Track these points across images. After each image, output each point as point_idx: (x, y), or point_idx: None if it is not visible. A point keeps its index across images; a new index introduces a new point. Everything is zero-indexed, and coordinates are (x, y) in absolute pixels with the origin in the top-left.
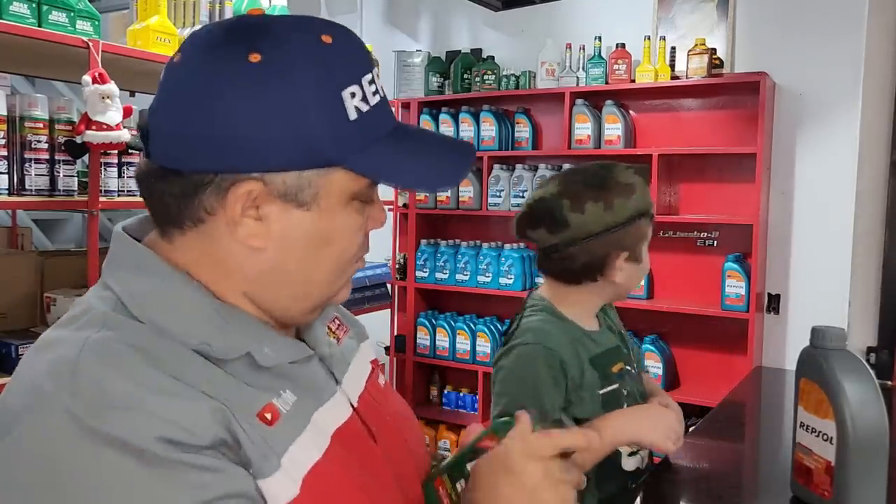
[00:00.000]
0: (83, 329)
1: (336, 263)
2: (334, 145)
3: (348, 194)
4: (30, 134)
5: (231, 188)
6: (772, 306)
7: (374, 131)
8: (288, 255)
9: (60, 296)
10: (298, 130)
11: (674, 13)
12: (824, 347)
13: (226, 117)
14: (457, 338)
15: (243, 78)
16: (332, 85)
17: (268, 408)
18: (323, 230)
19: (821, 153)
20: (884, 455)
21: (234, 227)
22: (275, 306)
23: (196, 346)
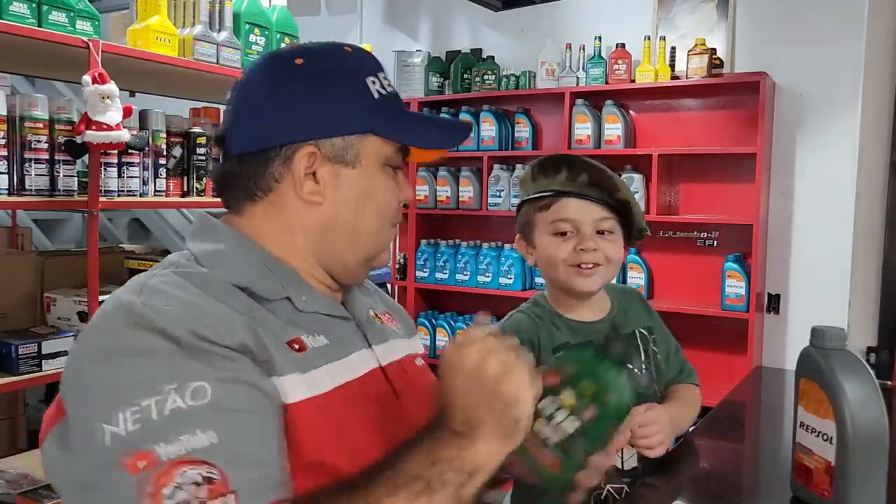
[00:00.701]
0: (157, 269)
1: (378, 216)
2: (366, 116)
3: (382, 158)
4: (30, 134)
5: (294, 154)
6: (772, 306)
7: (393, 110)
8: (341, 207)
9: (60, 296)
10: (339, 106)
11: (674, 13)
12: (824, 347)
13: (285, 103)
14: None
15: (294, 74)
16: (357, 74)
17: (296, 340)
18: (366, 185)
19: (821, 153)
20: (884, 455)
21: (300, 186)
22: (331, 256)
23: (243, 285)
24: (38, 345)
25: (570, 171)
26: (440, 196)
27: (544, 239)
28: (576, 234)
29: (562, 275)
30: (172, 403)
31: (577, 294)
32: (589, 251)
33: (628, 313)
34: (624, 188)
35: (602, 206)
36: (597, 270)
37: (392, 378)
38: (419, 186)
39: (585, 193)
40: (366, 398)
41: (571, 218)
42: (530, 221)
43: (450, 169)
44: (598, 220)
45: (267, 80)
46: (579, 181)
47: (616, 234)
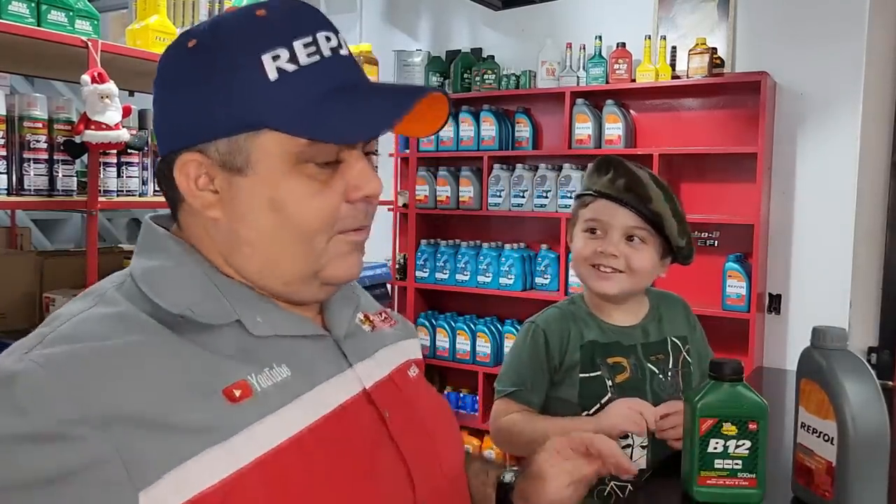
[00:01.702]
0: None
1: (295, 232)
2: (254, 106)
3: (289, 157)
4: (29, 134)
5: (175, 164)
6: (773, 306)
7: (307, 90)
8: (239, 224)
9: (59, 296)
10: (219, 97)
11: (674, 13)
12: (825, 348)
13: (168, 101)
14: (457, 338)
15: (179, 63)
16: (250, 50)
17: (239, 384)
18: (269, 197)
19: (822, 153)
20: (885, 455)
21: (195, 201)
22: (252, 277)
23: (181, 312)
24: None
25: (614, 174)
26: (440, 196)
27: (578, 234)
28: (604, 235)
29: (582, 271)
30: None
31: (596, 293)
32: (608, 255)
33: (663, 320)
34: (659, 201)
35: (636, 214)
36: (615, 276)
37: (378, 402)
38: (419, 186)
39: (620, 198)
40: (345, 433)
41: (603, 220)
42: (574, 216)
43: (450, 169)
44: (629, 227)
45: (160, 71)
46: (616, 185)
47: (648, 245)
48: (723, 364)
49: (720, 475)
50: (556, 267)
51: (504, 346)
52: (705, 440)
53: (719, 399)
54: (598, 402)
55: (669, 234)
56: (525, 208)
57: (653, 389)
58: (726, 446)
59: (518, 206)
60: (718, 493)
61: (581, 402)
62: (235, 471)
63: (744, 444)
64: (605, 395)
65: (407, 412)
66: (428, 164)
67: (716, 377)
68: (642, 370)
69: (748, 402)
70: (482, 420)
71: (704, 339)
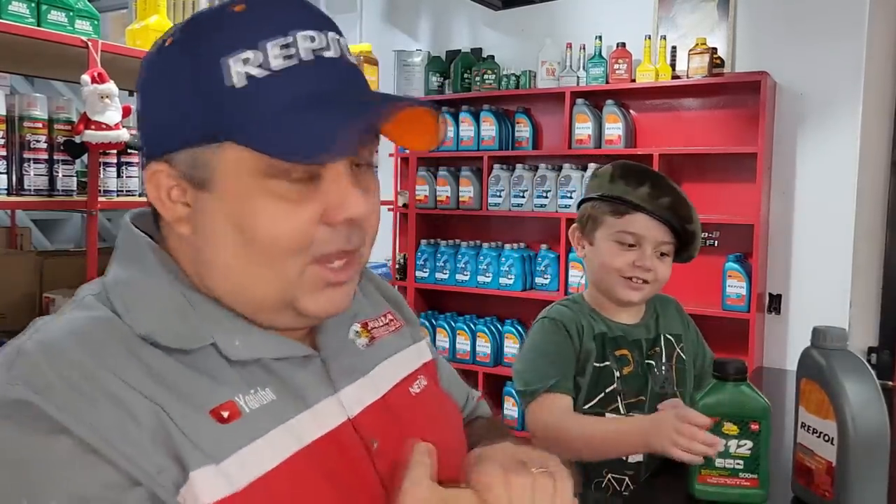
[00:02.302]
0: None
1: (262, 257)
2: (217, 116)
3: (256, 172)
4: (29, 134)
5: (146, 175)
6: (773, 306)
7: (274, 100)
8: (204, 243)
9: (59, 296)
10: (185, 103)
11: (674, 12)
12: (825, 348)
13: (142, 103)
14: (457, 338)
15: (153, 62)
16: (217, 52)
17: (226, 405)
18: (234, 217)
19: (822, 153)
20: (885, 455)
21: (167, 213)
22: (222, 299)
23: (145, 335)
24: None
25: (654, 188)
26: (440, 196)
27: (606, 243)
28: (637, 248)
29: (612, 281)
30: None
31: (619, 301)
32: (644, 269)
33: (659, 319)
34: (696, 220)
35: (670, 231)
36: (644, 287)
37: (364, 432)
38: (419, 186)
39: (662, 216)
40: (327, 464)
41: (639, 234)
42: (597, 219)
43: (450, 169)
44: (663, 242)
45: (140, 72)
46: (660, 202)
47: (670, 257)
48: (726, 364)
49: (721, 474)
50: (556, 267)
51: (504, 346)
52: None
53: (720, 398)
54: (604, 391)
55: (693, 249)
56: (525, 208)
57: (651, 384)
58: (728, 446)
59: (518, 206)
60: (719, 491)
61: (588, 390)
62: (227, 496)
63: (745, 444)
64: (611, 385)
65: (400, 437)
66: (428, 164)
67: (719, 377)
68: (643, 364)
69: (750, 403)
70: None
71: (700, 337)
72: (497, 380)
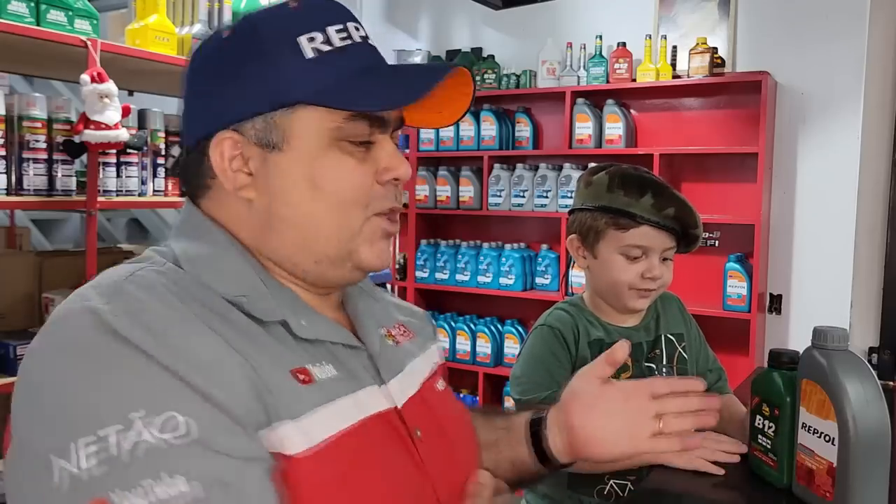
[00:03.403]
0: (133, 266)
1: (329, 205)
2: (289, 83)
3: (326, 133)
4: (28, 133)
5: (209, 144)
6: (773, 306)
7: (339, 68)
8: (277, 201)
9: (59, 296)
10: (256, 78)
11: (675, 12)
12: (826, 348)
13: (203, 88)
14: (457, 338)
15: (215, 51)
16: (287, 33)
17: (303, 370)
18: (306, 170)
19: (823, 152)
20: (886, 456)
21: (228, 182)
22: (283, 261)
23: (232, 299)
24: None
25: (657, 198)
26: (440, 196)
27: (612, 257)
28: (644, 258)
29: (621, 293)
30: (137, 436)
31: (625, 309)
32: (655, 279)
33: (660, 318)
34: (700, 225)
35: (674, 237)
36: (652, 293)
37: (409, 421)
38: (419, 186)
39: (669, 226)
40: (378, 442)
41: (646, 246)
42: (599, 231)
43: (450, 168)
44: (667, 248)
45: (196, 62)
46: (665, 213)
47: (672, 259)
48: (780, 353)
49: (759, 449)
50: (557, 267)
51: (504, 347)
52: (752, 415)
53: (761, 379)
54: None
55: (693, 247)
56: (525, 208)
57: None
58: (763, 424)
59: (518, 206)
60: (758, 464)
61: None
62: (306, 450)
63: (771, 426)
64: None
65: (436, 429)
66: (428, 163)
67: (773, 365)
68: (642, 369)
69: (774, 388)
70: None
71: (701, 336)
72: (497, 380)
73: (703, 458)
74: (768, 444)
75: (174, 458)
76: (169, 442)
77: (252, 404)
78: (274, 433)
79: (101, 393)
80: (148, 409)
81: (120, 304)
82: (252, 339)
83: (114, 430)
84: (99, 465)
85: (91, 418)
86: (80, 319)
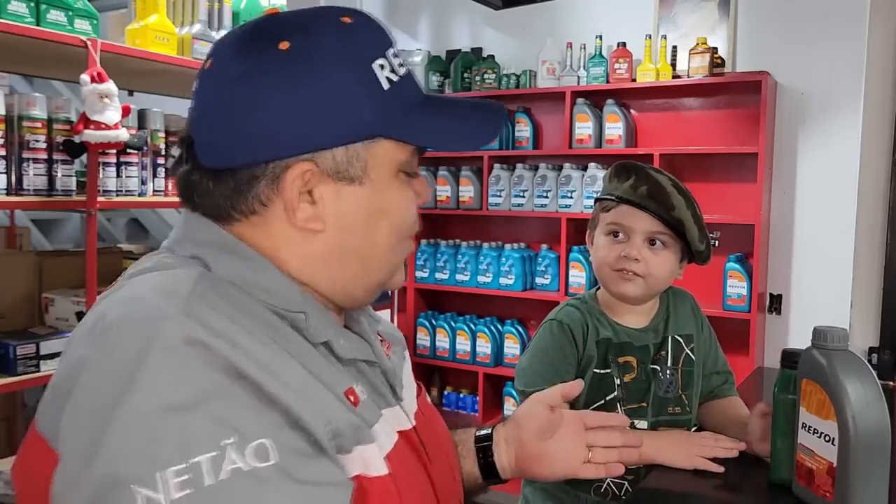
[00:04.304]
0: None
1: (393, 236)
2: (374, 115)
3: (396, 165)
4: (28, 133)
5: (284, 174)
6: (773, 306)
7: (408, 100)
8: (348, 233)
9: (59, 296)
10: (338, 105)
11: (675, 12)
12: (826, 348)
13: (267, 106)
14: (457, 338)
15: (277, 66)
16: (361, 59)
17: (350, 390)
18: (378, 202)
19: (823, 153)
20: (886, 456)
21: (293, 213)
22: (335, 288)
23: (291, 317)
24: (36, 345)
25: (636, 180)
26: (440, 196)
27: (600, 238)
28: (627, 239)
29: (605, 274)
30: (231, 464)
31: (617, 296)
32: (631, 259)
33: (670, 319)
34: (681, 207)
35: (658, 220)
36: (636, 280)
37: (422, 437)
38: None
39: (642, 204)
40: (408, 460)
41: (625, 224)
42: (594, 218)
43: (450, 168)
44: (652, 231)
45: (241, 72)
46: (639, 192)
47: (668, 249)
48: (792, 352)
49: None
50: (557, 267)
51: (504, 347)
52: None
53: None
54: (604, 399)
55: (690, 239)
56: (525, 208)
57: (654, 389)
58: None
59: (518, 206)
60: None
61: (588, 396)
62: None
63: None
64: (611, 392)
65: (437, 444)
66: (428, 163)
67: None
68: (647, 371)
69: (775, 387)
70: (482, 420)
71: (713, 338)
72: (497, 380)
73: (702, 455)
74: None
75: (265, 487)
76: (260, 470)
77: (334, 428)
78: (349, 457)
79: (192, 418)
80: (240, 436)
81: (199, 316)
82: (311, 359)
83: (205, 458)
84: (189, 497)
85: (182, 445)
86: (161, 330)
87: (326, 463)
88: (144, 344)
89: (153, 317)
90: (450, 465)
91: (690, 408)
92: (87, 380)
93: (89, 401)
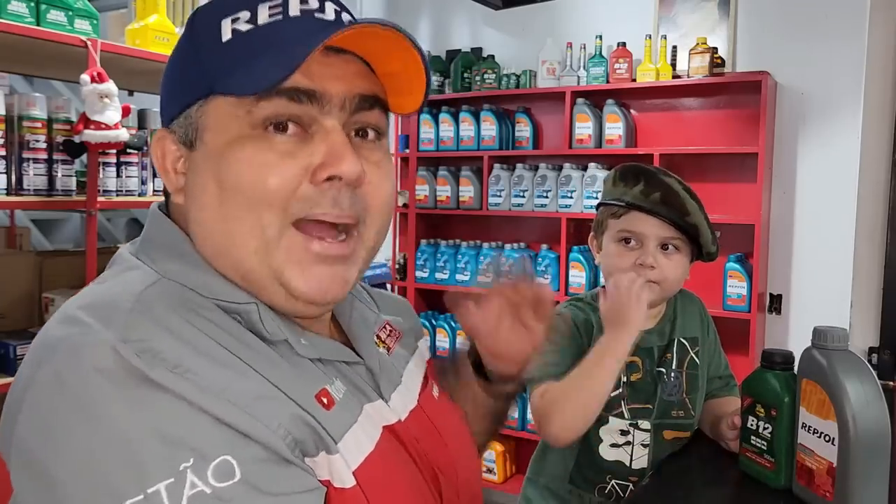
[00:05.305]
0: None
1: (242, 211)
2: (198, 72)
3: (237, 123)
4: (28, 133)
5: (152, 143)
6: (773, 306)
7: (252, 49)
8: (192, 204)
9: (59, 296)
10: (175, 68)
11: (675, 12)
12: (826, 348)
13: (162, 81)
14: (457, 339)
15: (181, 39)
16: (213, 15)
17: (323, 392)
18: (214, 170)
19: (823, 153)
20: (886, 456)
21: (169, 184)
22: (235, 276)
23: (241, 310)
24: None
25: (646, 185)
26: (440, 196)
27: (611, 245)
28: (640, 246)
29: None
30: (192, 488)
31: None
32: (647, 267)
33: (676, 321)
34: (695, 212)
35: (671, 225)
36: (652, 287)
37: (413, 433)
38: (419, 186)
39: (656, 210)
40: (392, 458)
41: (638, 231)
42: (602, 223)
43: (450, 168)
44: (665, 237)
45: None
46: (652, 198)
47: (681, 253)
48: (773, 353)
49: (752, 450)
50: (557, 267)
51: None
52: (745, 416)
53: (754, 380)
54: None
55: (704, 242)
56: (525, 208)
57: (660, 391)
58: (758, 426)
59: (518, 206)
60: (751, 466)
61: None
62: (348, 478)
63: (768, 427)
64: (616, 389)
65: (438, 441)
66: (428, 163)
67: (766, 365)
68: (653, 372)
69: (770, 389)
70: None
71: (717, 343)
72: None
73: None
74: (763, 446)
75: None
76: (224, 490)
77: (295, 437)
78: (318, 462)
79: (142, 446)
80: (198, 456)
81: (137, 339)
82: (272, 362)
83: (163, 486)
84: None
85: (136, 476)
86: (98, 359)
87: (294, 469)
88: (84, 373)
89: (90, 342)
90: (464, 450)
91: (694, 412)
92: (32, 402)
93: (35, 431)
